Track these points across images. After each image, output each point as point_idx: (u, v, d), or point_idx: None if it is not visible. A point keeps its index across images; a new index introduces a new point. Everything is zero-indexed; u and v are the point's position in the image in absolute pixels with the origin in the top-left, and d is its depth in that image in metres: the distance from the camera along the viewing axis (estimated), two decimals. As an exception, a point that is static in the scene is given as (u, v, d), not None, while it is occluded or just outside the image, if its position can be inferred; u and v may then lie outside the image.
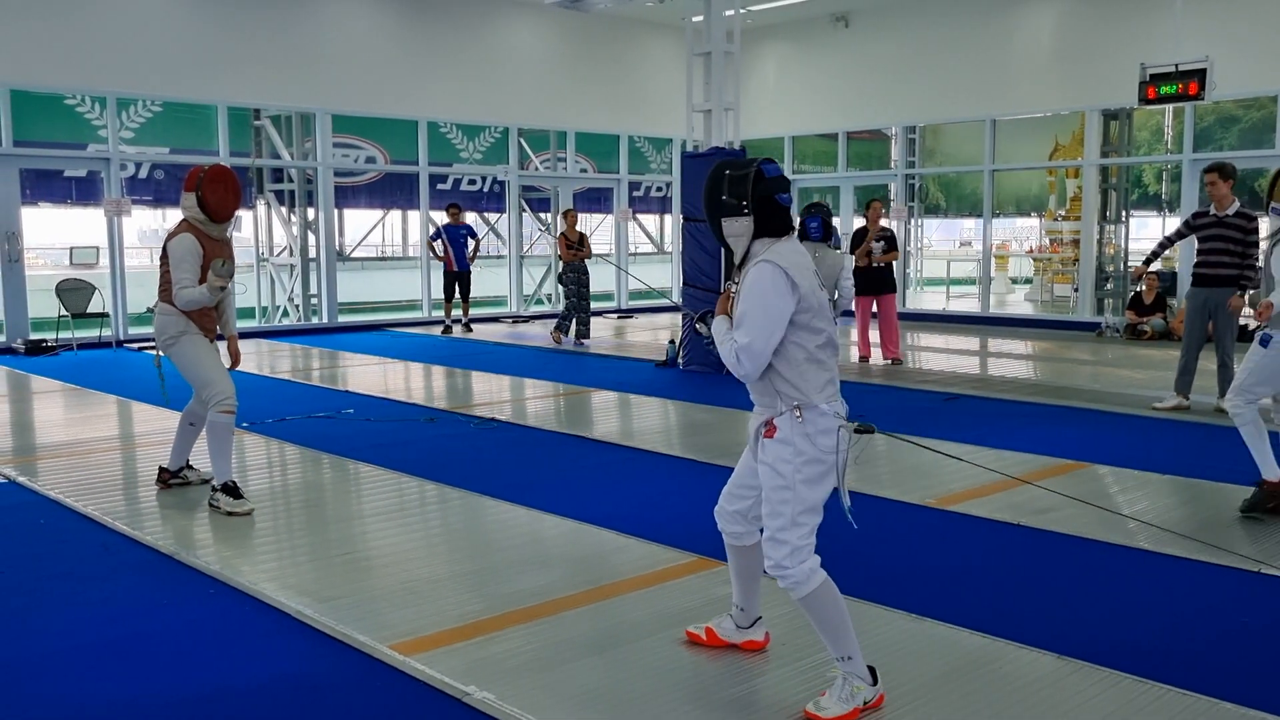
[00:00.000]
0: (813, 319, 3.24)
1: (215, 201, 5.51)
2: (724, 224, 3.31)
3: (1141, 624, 4.08)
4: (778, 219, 3.29)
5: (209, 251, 5.52)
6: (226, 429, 5.63)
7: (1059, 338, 14.16)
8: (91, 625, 4.11)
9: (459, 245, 14.61)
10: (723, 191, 3.29)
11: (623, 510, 5.62)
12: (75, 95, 13.32)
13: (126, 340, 13.54)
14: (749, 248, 3.29)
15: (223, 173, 5.60)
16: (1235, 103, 14.11)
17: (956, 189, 18.60)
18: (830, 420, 3.24)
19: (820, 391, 3.25)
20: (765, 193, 3.26)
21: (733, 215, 3.28)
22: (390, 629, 3.97)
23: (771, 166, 3.32)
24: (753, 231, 3.28)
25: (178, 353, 5.65)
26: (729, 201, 3.28)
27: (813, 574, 3.24)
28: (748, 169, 3.28)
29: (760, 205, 3.26)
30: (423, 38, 16.04)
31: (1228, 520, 5.45)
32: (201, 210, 5.50)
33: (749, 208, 3.26)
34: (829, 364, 3.31)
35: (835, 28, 17.80)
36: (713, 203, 3.33)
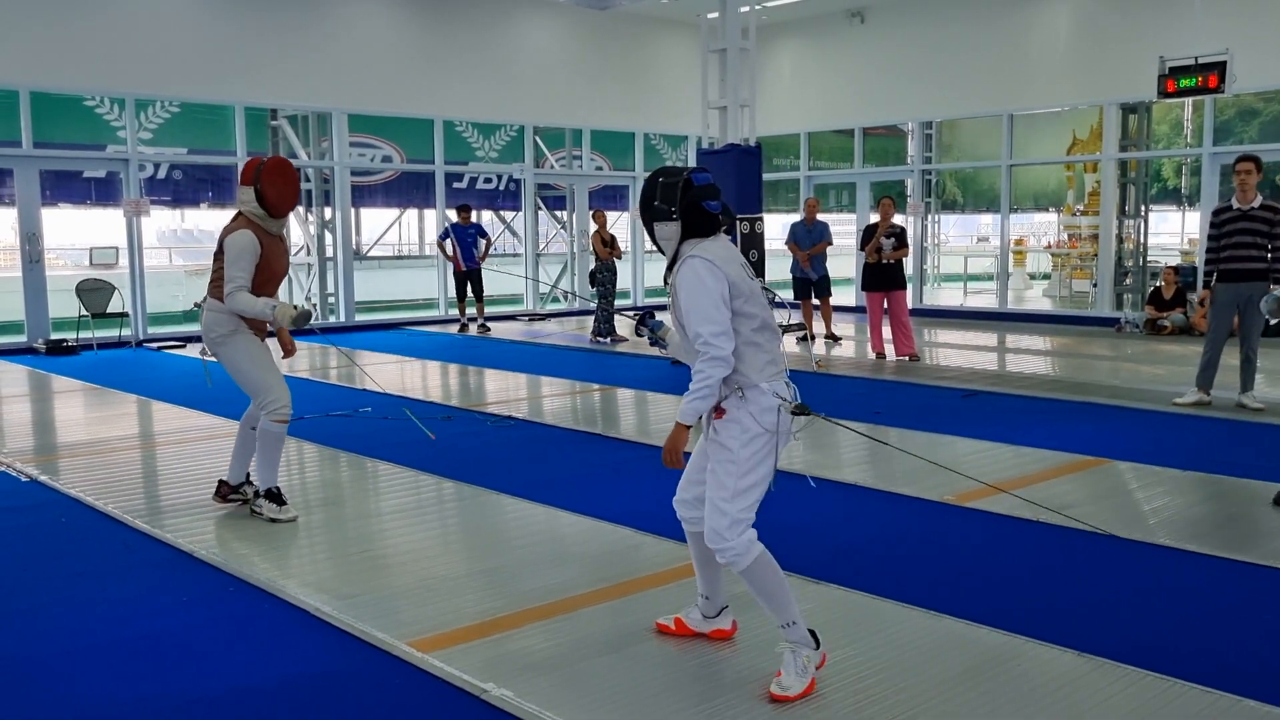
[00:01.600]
0: (745, 304, 3.43)
1: (274, 195, 5.22)
2: (655, 227, 3.56)
3: (1162, 621, 4.06)
4: (705, 223, 3.50)
5: (266, 249, 5.23)
6: (279, 438, 5.38)
7: (1078, 333, 14.08)
8: (111, 623, 4.13)
9: (467, 245, 14.61)
10: (655, 197, 3.54)
11: (640, 507, 5.62)
12: (94, 97, 13.41)
13: (146, 340, 13.63)
14: (678, 249, 3.51)
15: (281, 165, 5.30)
16: (1256, 95, 13.99)
17: (973, 184, 18.52)
18: (770, 399, 3.42)
19: (760, 372, 3.43)
20: (693, 200, 3.49)
21: (663, 220, 3.52)
22: (408, 626, 3.98)
23: (701, 175, 3.54)
24: (680, 234, 3.51)
25: (228, 353, 5.33)
26: (660, 207, 3.52)
27: (751, 545, 3.40)
28: (678, 177, 3.52)
29: (688, 211, 3.49)
30: (438, 37, 16.07)
31: (1250, 516, 5.41)
32: (260, 204, 5.22)
33: (677, 213, 3.49)
34: (767, 346, 3.47)
35: (851, 23, 17.74)
36: (646, 207, 3.57)
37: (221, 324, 5.29)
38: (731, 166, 10.95)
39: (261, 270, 5.24)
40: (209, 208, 15.75)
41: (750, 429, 3.40)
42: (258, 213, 5.22)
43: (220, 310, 5.26)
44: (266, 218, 5.24)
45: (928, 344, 13.38)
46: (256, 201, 5.20)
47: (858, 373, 10.64)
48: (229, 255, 5.16)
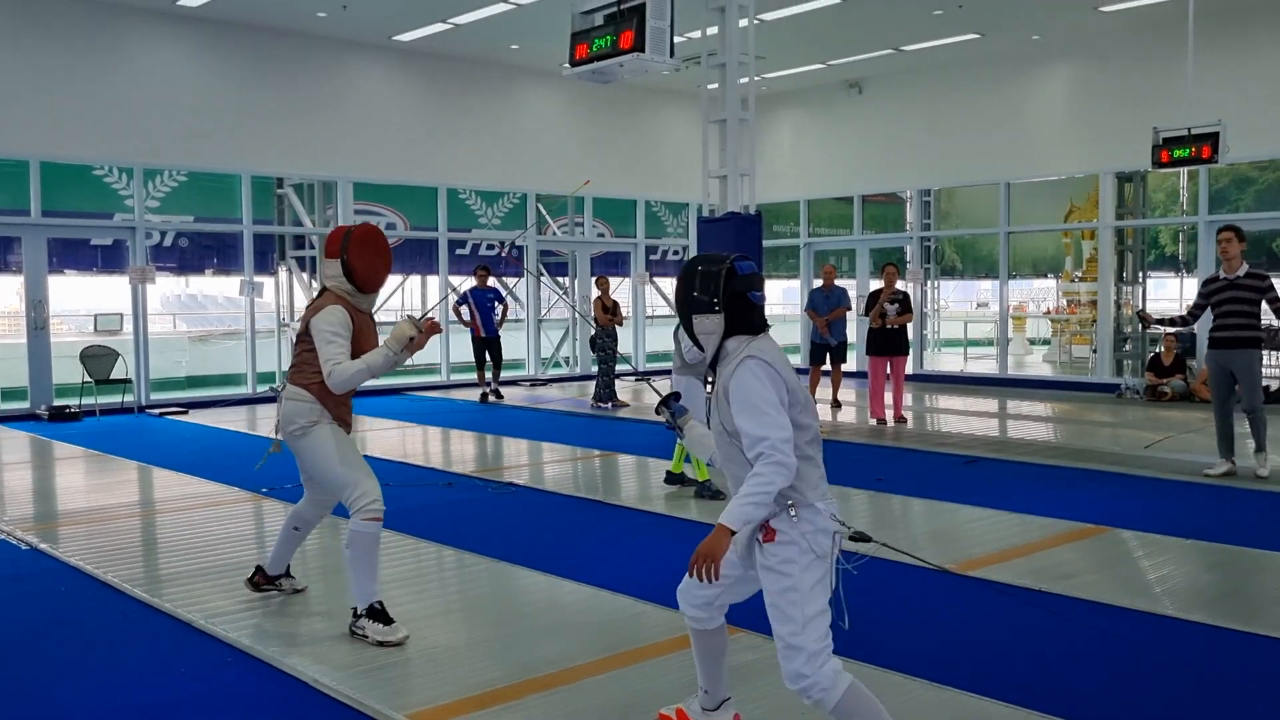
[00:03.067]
0: (800, 414, 3.15)
1: (364, 268, 4.65)
2: (695, 320, 3.23)
3: (1168, 691, 4.02)
4: (751, 317, 3.23)
5: (358, 327, 4.63)
6: (374, 539, 4.62)
7: (1078, 399, 14.10)
8: (110, 693, 4.10)
9: (486, 310, 14.49)
10: (694, 288, 3.23)
11: (640, 575, 5.60)
12: (103, 166, 13.60)
13: (149, 406, 13.65)
14: (720, 346, 3.23)
15: (371, 234, 4.74)
16: (1250, 164, 14.17)
17: (972, 251, 18.66)
18: (826, 521, 3.13)
19: (815, 489, 3.15)
20: (738, 291, 3.21)
21: (704, 312, 3.21)
22: (407, 697, 3.95)
23: (745, 264, 3.27)
24: (724, 329, 3.21)
25: (309, 446, 4.70)
26: (700, 298, 3.22)
27: (838, 677, 3.05)
28: (720, 265, 3.23)
29: (732, 303, 3.20)
30: (443, 107, 16.34)
31: (1253, 586, 5.38)
32: (348, 279, 4.64)
33: (719, 305, 3.20)
34: (818, 459, 3.21)
35: (849, 94, 18.04)
36: (684, 299, 3.26)
37: (304, 414, 4.67)
38: (731, 234, 11.06)
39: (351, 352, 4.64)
40: (214, 274, 15.88)
41: (810, 551, 3.09)
42: (345, 288, 4.66)
43: (304, 399, 4.66)
44: (356, 294, 4.67)
45: (928, 409, 13.40)
46: (344, 276, 4.64)
47: (858, 439, 10.64)
48: (320, 335, 4.54)
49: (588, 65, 7.79)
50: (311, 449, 4.71)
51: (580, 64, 7.85)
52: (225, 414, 13.29)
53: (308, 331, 4.64)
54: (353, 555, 4.61)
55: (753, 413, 3.05)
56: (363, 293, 4.69)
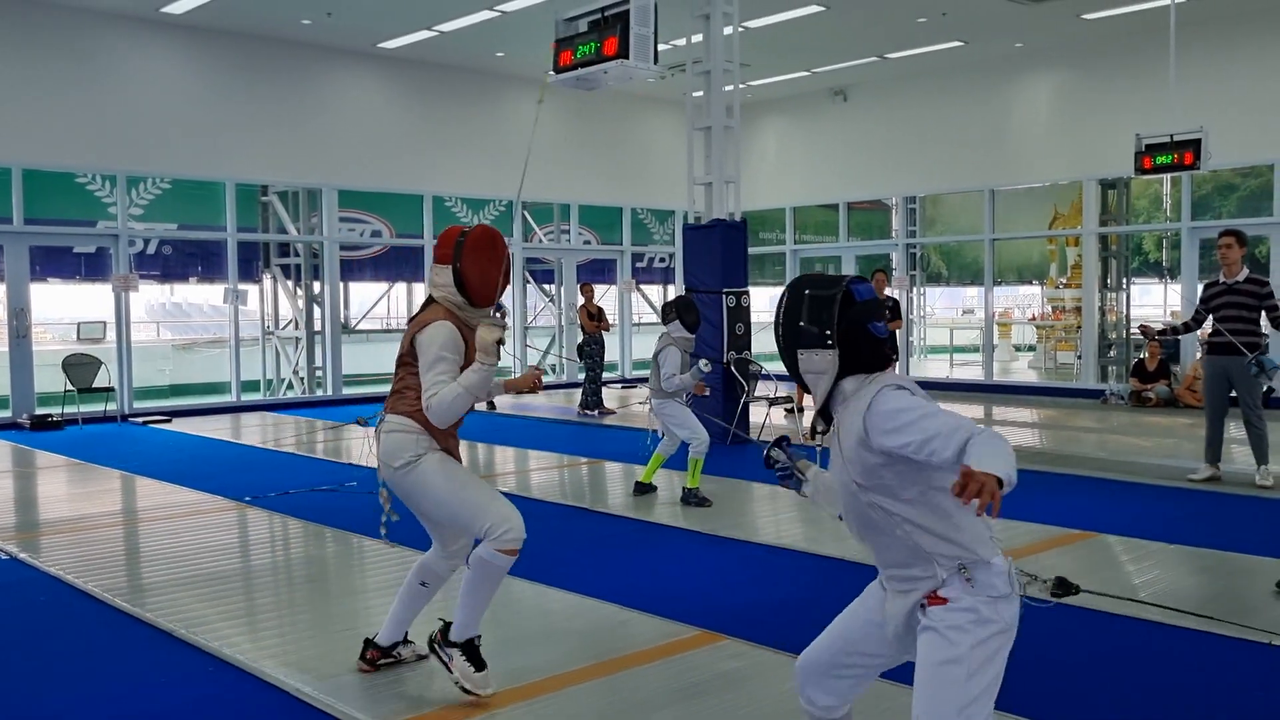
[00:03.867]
0: None
1: (479, 277, 3.98)
2: (800, 357, 2.66)
3: (1153, 697, 4.02)
4: (873, 353, 2.64)
5: (468, 342, 3.96)
6: (500, 573, 3.97)
7: (1064, 405, 14.14)
8: (91, 705, 4.06)
9: None
10: (801, 316, 2.65)
11: (628, 583, 5.58)
12: (86, 174, 13.53)
13: (131, 414, 13.56)
14: (834, 387, 2.65)
15: (489, 237, 4.04)
16: (1233, 171, 14.26)
17: (958, 257, 18.73)
18: (1004, 582, 2.54)
19: (985, 544, 2.57)
20: (856, 320, 2.62)
21: (812, 346, 2.63)
22: (392, 706, 3.92)
23: (863, 287, 2.68)
24: (838, 368, 2.63)
25: (420, 480, 3.95)
26: (808, 329, 2.63)
27: None
28: (834, 289, 2.65)
29: (848, 336, 2.62)
30: (427, 114, 16.32)
31: (1238, 590, 5.39)
32: (460, 290, 3.98)
33: (834, 339, 2.62)
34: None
35: (834, 101, 18.09)
36: (788, 330, 2.68)
37: (410, 446, 3.96)
38: (717, 241, 11.08)
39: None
40: (198, 282, 15.81)
41: (992, 620, 2.51)
42: (456, 300, 4.00)
43: (409, 429, 3.97)
44: (467, 307, 4.01)
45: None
46: (455, 286, 3.99)
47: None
48: (427, 354, 3.88)
49: (572, 72, 7.79)
50: (423, 485, 3.96)
51: (564, 71, 7.85)
52: (209, 422, 13.21)
53: (411, 352, 3.98)
54: (471, 580, 3.95)
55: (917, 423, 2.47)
56: (475, 306, 4.01)
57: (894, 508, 2.58)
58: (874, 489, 2.58)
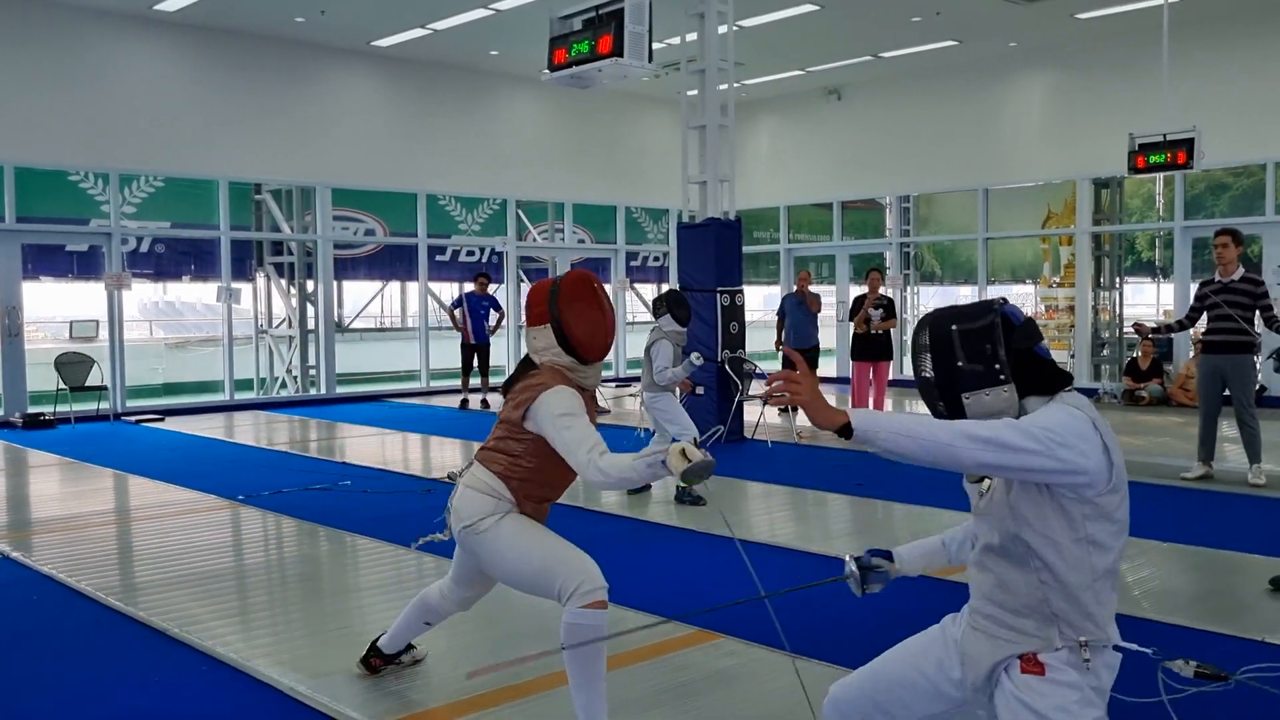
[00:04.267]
0: (1120, 506, 2.30)
1: (585, 330, 3.56)
2: (971, 400, 2.32)
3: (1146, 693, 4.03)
4: (1047, 379, 2.35)
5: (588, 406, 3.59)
6: (597, 633, 3.43)
7: (1057, 404, 14.14)
8: (83, 704, 4.05)
9: (479, 317, 14.42)
10: (958, 356, 2.33)
11: (621, 582, 5.56)
12: (79, 171, 13.49)
13: (124, 413, 13.53)
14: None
15: (586, 284, 3.63)
16: (1225, 170, 14.30)
17: (951, 257, 18.74)
18: (1114, 660, 2.35)
19: (1111, 623, 2.35)
20: (1020, 346, 2.34)
21: (984, 387, 2.31)
22: (384, 705, 3.92)
23: (1014, 309, 2.41)
24: (1016, 401, 2.33)
25: (492, 546, 3.60)
26: (973, 370, 2.31)
27: None
28: (987, 318, 2.34)
29: (1022, 366, 2.32)
30: (422, 113, 16.30)
31: (1230, 589, 5.41)
32: (565, 349, 3.56)
33: (1006, 375, 2.30)
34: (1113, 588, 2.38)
35: (828, 101, 18.10)
36: (949, 374, 2.35)
37: (485, 509, 3.60)
38: (711, 240, 11.07)
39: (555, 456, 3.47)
40: (191, 281, 15.77)
41: (1091, 705, 2.30)
42: (564, 363, 3.58)
43: (491, 491, 3.61)
44: (578, 365, 3.59)
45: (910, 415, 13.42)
46: (559, 344, 3.56)
47: (838, 444, 10.63)
48: (557, 423, 3.39)
49: (566, 70, 7.78)
50: (497, 549, 3.60)
51: (559, 69, 7.84)
52: (202, 421, 13.19)
53: (521, 419, 3.56)
54: (572, 659, 3.41)
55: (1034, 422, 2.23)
56: (585, 363, 3.60)
57: (1043, 549, 2.30)
58: (1031, 521, 2.30)
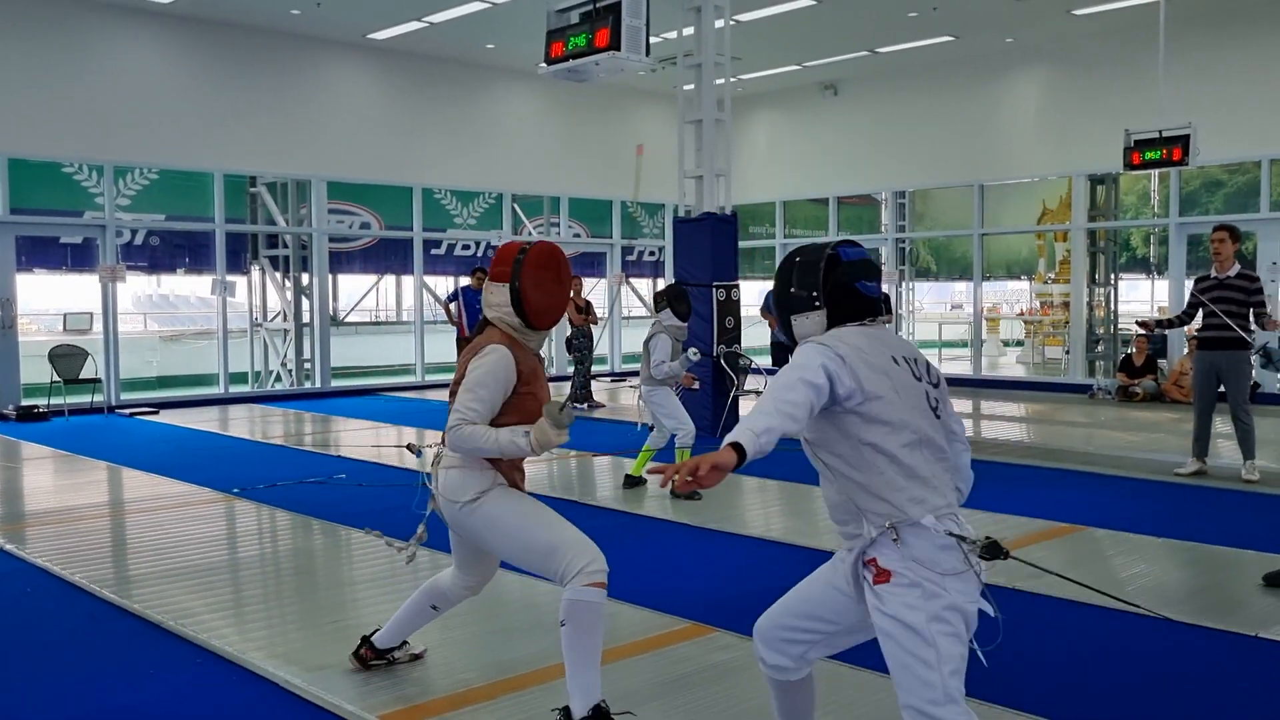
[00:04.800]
0: (887, 408, 2.54)
1: (540, 299, 3.71)
2: (794, 322, 2.68)
3: (1139, 688, 4.04)
4: (857, 307, 2.66)
5: (524, 375, 3.70)
6: (597, 612, 3.54)
7: (1051, 400, 14.19)
8: (77, 696, 4.04)
9: (474, 311, 14.38)
10: (791, 283, 2.69)
11: (616, 575, 5.55)
12: (73, 163, 13.45)
13: (118, 406, 13.50)
14: None
15: (552, 255, 3.75)
16: (1220, 167, 14.32)
17: (947, 252, 18.76)
18: (942, 539, 2.50)
19: (919, 502, 2.52)
20: (842, 281, 2.64)
21: (803, 310, 2.65)
22: (379, 698, 3.91)
23: (852, 250, 2.72)
24: (826, 328, 2.65)
25: (485, 523, 3.70)
26: (798, 295, 2.66)
27: None
28: (820, 255, 2.68)
29: (835, 294, 2.64)
30: (417, 106, 16.27)
31: (1223, 584, 5.42)
32: (518, 311, 3.69)
33: (820, 300, 2.64)
34: (925, 471, 2.56)
35: (824, 96, 18.09)
36: (781, 297, 2.73)
37: (473, 483, 3.67)
38: (707, 234, 11.06)
39: (514, 409, 3.66)
40: (185, 273, 15.74)
41: (931, 587, 2.49)
42: (512, 323, 3.71)
43: (471, 465, 3.69)
44: (526, 330, 3.75)
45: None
46: (512, 306, 3.69)
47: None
48: (469, 379, 3.61)
49: (563, 64, 7.76)
50: (490, 524, 3.69)
51: (556, 62, 7.83)
52: (196, 414, 13.17)
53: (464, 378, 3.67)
54: (571, 635, 3.50)
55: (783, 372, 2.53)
56: (534, 329, 3.75)
57: (831, 461, 2.62)
58: (816, 443, 2.64)
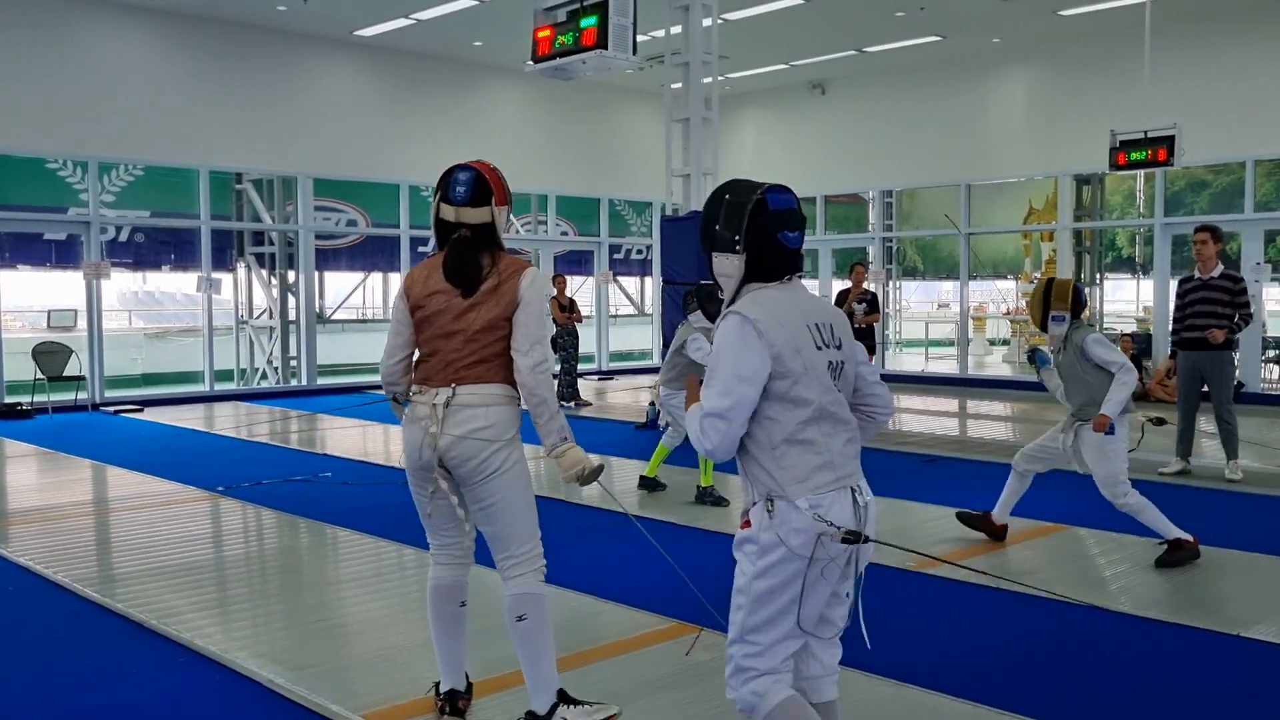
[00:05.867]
0: (793, 387, 2.63)
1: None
2: (714, 259, 2.75)
3: (1122, 687, 4.06)
4: (777, 261, 2.73)
5: None
6: (547, 605, 3.55)
7: (1038, 399, 14.23)
8: (60, 696, 4.02)
9: None
10: (717, 220, 2.73)
11: (601, 575, 5.57)
12: (57, 159, 13.36)
13: (103, 403, 13.43)
14: (738, 291, 2.74)
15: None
16: (1205, 168, 14.39)
17: (933, 252, 18.81)
18: (804, 518, 2.59)
19: (800, 481, 2.61)
20: (765, 229, 2.69)
21: (724, 251, 2.71)
22: (364, 698, 3.90)
23: (780, 197, 2.73)
24: (744, 272, 2.72)
25: (517, 464, 3.55)
26: (721, 234, 2.71)
27: (757, 700, 2.66)
28: (749, 197, 2.70)
29: (756, 243, 2.69)
30: (404, 103, 16.22)
31: (1204, 582, 5.45)
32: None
33: (742, 245, 2.69)
34: (819, 445, 2.65)
35: (812, 94, 18.12)
36: (705, 232, 2.77)
37: (513, 423, 3.48)
38: (694, 233, 11.05)
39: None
40: (171, 270, 15.66)
41: (771, 553, 2.61)
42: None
43: (513, 401, 3.46)
44: None
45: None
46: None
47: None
48: (536, 308, 3.38)
49: (550, 62, 7.75)
50: (515, 472, 3.53)
51: (543, 60, 7.81)
52: (181, 412, 13.11)
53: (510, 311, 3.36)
54: (532, 628, 3.44)
55: (713, 375, 2.64)
56: None
57: None
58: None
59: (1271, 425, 11.42)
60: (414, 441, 3.43)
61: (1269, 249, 14.50)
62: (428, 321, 3.44)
